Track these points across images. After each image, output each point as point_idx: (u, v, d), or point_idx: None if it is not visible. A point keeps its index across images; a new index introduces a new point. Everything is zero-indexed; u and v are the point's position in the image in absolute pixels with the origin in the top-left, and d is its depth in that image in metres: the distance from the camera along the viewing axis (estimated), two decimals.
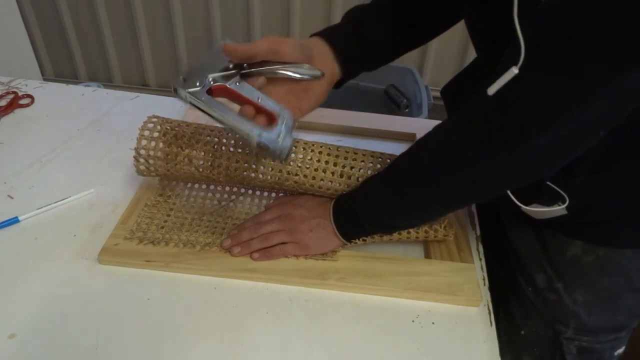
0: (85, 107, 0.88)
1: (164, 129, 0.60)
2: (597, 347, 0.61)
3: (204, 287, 0.55)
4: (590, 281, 0.57)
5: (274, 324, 0.51)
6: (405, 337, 0.51)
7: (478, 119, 0.44)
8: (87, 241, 0.59)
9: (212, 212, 0.63)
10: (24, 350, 0.47)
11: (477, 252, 0.62)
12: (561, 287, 0.59)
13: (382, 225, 0.55)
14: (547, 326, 0.62)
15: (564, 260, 0.58)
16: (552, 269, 0.59)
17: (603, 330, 0.60)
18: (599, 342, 0.61)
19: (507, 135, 0.42)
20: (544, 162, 0.43)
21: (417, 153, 0.52)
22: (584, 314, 0.59)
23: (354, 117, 0.87)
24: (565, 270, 0.58)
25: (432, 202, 0.52)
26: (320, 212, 0.58)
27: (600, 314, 0.59)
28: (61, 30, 2.13)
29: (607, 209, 0.53)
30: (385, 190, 0.53)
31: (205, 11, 1.98)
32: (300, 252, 0.57)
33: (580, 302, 0.58)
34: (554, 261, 0.59)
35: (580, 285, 0.58)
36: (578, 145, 0.42)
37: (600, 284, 0.57)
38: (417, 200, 0.52)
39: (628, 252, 0.55)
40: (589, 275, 0.57)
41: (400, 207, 0.53)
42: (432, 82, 1.99)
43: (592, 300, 0.58)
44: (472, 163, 0.45)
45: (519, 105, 0.41)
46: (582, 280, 0.58)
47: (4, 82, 0.93)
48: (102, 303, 0.52)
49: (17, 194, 0.66)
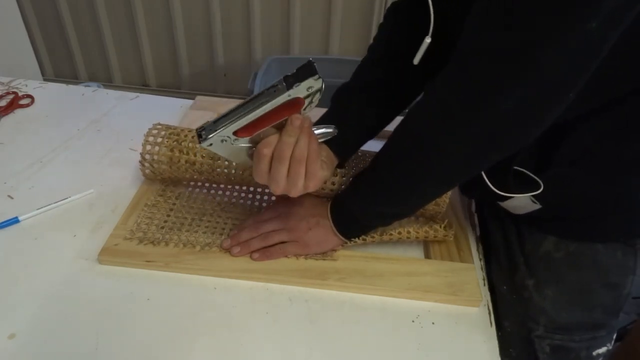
0: (85, 107, 0.88)
1: (167, 134, 0.61)
2: (573, 346, 0.60)
3: (204, 287, 0.55)
4: (561, 277, 0.57)
5: (274, 324, 0.51)
6: (405, 337, 0.51)
7: (443, 90, 0.45)
8: (87, 241, 0.59)
9: (212, 213, 0.63)
10: (24, 350, 0.47)
11: (477, 252, 0.62)
12: (532, 284, 0.59)
13: (380, 215, 0.55)
14: (520, 325, 0.61)
15: (536, 256, 0.58)
16: (525, 266, 0.59)
17: (577, 327, 0.59)
18: (573, 341, 0.59)
19: (471, 99, 0.42)
20: (515, 125, 0.43)
21: (396, 138, 0.52)
22: (553, 310, 0.58)
23: None
24: (537, 267, 0.58)
25: (420, 181, 0.51)
26: (319, 210, 0.58)
27: (571, 310, 0.58)
28: (61, 30, 2.13)
29: (579, 203, 0.53)
30: (375, 180, 0.53)
31: (205, 11, 1.98)
32: (300, 250, 0.57)
33: (550, 297, 0.58)
34: (528, 258, 0.59)
35: (552, 282, 0.58)
36: (546, 105, 0.42)
37: (571, 279, 0.57)
38: (404, 183, 0.52)
39: (599, 246, 0.55)
40: (560, 270, 0.57)
41: (392, 194, 0.53)
42: None
43: (561, 296, 0.58)
44: (446, 134, 0.45)
45: (477, 68, 0.41)
46: (553, 276, 0.58)
47: (4, 82, 0.93)
48: (102, 303, 0.52)
49: (17, 194, 0.66)
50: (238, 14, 1.98)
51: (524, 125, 0.43)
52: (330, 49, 1.97)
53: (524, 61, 0.39)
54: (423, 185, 0.52)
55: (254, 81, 1.69)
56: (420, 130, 0.48)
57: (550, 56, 0.38)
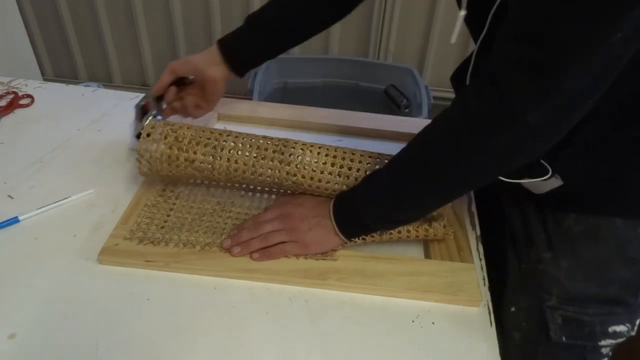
0: (85, 107, 0.88)
1: (166, 131, 0.60)
2: (586, 320, 0.59)
3: (204, 287, 0.55)
4: (578, 249, 0.58)
5: (274, 324, 0.51)
6: (405, 337, 0.51)
7: (473, 101, 0.45)
8: (87, 241, 0.59)
9: (212, 212, 0.63)
10: (24, 350, 0.47)
11: (477, 252, 0.62)
12: (549, 257, 0.60)
13: (387, 220, 0.55)
14: (532, 297, 0.62)
15: (557, 232, 0.59)
16: (544, 241, 0.60)
17: (590, 300, 0.59)
18: (586, 314, 0.59)
19: (501, 112, 0.43)
20: (539, 136, 0.44)
21: (418, 145, 0.52)
22: (567, 281, 0.59)
23: (354, 117, 0.87)
24: (556, 241, 0.59)
25: (436, 191, 0.52)
26: (320, 210, 0.58)
27: (586, 283, 0.58)
28: (61, 30, 2.13)
29: (599, 179, 0.54)
30: (388, 184, 0.53)
31: (205, 11, 1.98)
32: (300, 251, 0.57)
33: (565, 268, 0.58)
34: (548, 233, 0.60)
35: (569, 253, 0.58)
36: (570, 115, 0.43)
37: (588, 252, 0.57)
38: (421, 190, 0.52)
39: (619, 221, 0.55)
40: (577, 243, 0.58)
41: (404, 200, 0.53)
42: (432, 82, 1.98)
43: (576, 268, 0.58)
44: (473, 146, 0.46)
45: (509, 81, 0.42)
46: (570, 248, 0.58)
47: (4, 82, 0.93)
48: (102, 303, 0.52)
49: (17, 194, 0.66)
50: (238, 14, 1.98)
51: (549, 135, 0.44)
52: (330, 49, 1.98)
53: (552, 74, 0.40)
54: (439, 192, 0.52)
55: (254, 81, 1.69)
56: (445, 138, 0.49)
57: (576, 68, 0.39)
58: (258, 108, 0.89)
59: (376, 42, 1.96)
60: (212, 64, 0.73)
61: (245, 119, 0.85)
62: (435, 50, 1.98)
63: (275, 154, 0.59)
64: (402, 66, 1.87)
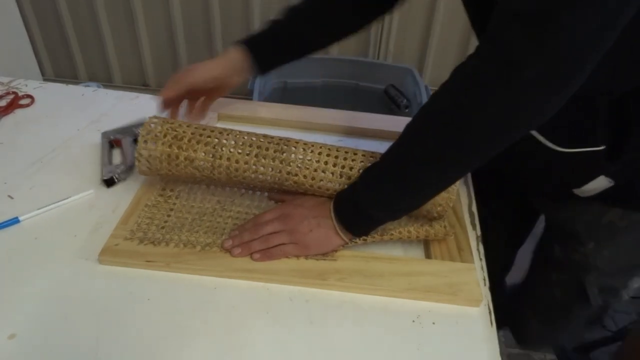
0: (85, 107, 0.88)
1: (165, 129, 0.60)
2: (615, 285, 0.71)
3: (205, 288, 0.55)
4: (620, 241, 0.65)
5: (274, 324, 0.51)
6: (405, 337, 0.51)
7: (470, 62, 0.46)
8: (87, 241, 0.59)
9: (212, 212, 0.63)
10: (24, 350, 0.47)
11: (477, 252, 0.62)
12: (591, 247, 0.66)
13: (389, 205, 0.54)
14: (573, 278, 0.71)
15: (599, 224, 0.64)
16: (585, 232, 0.66)
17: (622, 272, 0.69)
18: (618, 282, 0.70)
19: (499, 68, 0.43)
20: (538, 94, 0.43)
21: (417, 120, 0.51)
22: (606, 269, 0.67)
23: (354, 117, 0.87)
24: (598, 232, 0.65)
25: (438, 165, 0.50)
26: (320, 211, 0.58)
27: (626, 271, 0.69)
28: (61, 30, 2.13)
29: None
30: (388, 167, 0.53)
31: (205, 11, 1.98)
32: (301, 252, 0.57)
33: (606, 258, 0.66)
34: (589, 225, 0.66)
35: (612, 244, 0.65)
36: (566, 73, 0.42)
37: (630, 244, 0.64)
38: (422, 167, 0.51)
39: None
40: (621, 236, 0.64)
41: (406, 179, 0.52)
42: (432, 82, 1.98)
43: (617, 257, 0.66)
44: (471, 107, 0.45)
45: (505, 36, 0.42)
46: (612, 240, 0.65)
47: (4, 82, 0.93)
48: (102, 303, 0.52)
49: (17, 194, 0.66)
50: (238, 14, 1.98)
51: (548, 91, 0.43)
52: (330, 49, 1.97)
53: (548, 26, 0.40)
54: (441, 166, 0.50)
55: (254, 81, 1.69)
56: (444, 103, 0.48)
57: (571, 17, 0.39)
58: (258, 108, 0.89)
59: (376, 42, 1.96)
60: (233, 72, 0.72)
61: (245, 119, 0.85)
62: (435, 50, 1.98)
63: (276, 153, 0.59)
64: (402, 66, 1.87)
